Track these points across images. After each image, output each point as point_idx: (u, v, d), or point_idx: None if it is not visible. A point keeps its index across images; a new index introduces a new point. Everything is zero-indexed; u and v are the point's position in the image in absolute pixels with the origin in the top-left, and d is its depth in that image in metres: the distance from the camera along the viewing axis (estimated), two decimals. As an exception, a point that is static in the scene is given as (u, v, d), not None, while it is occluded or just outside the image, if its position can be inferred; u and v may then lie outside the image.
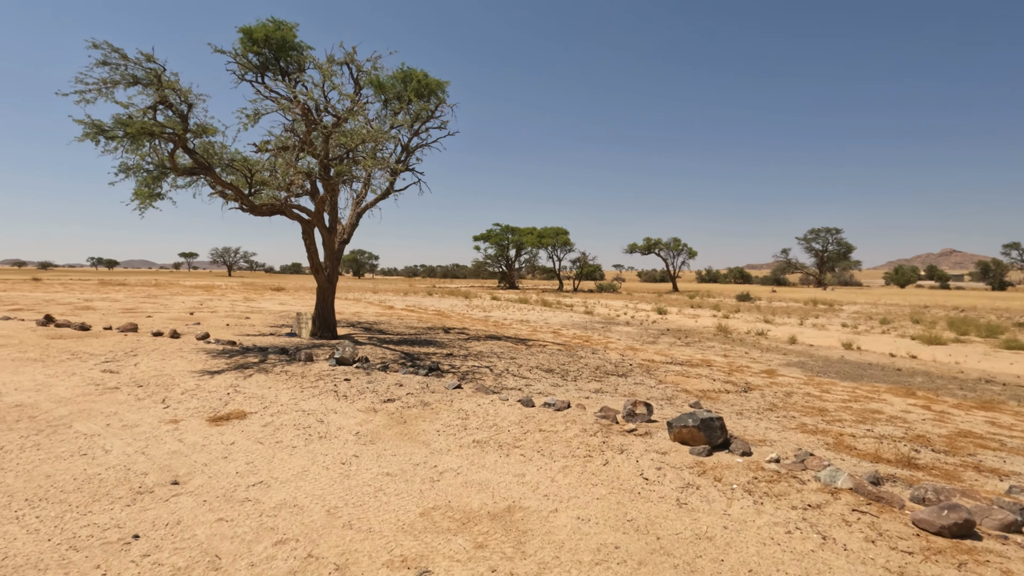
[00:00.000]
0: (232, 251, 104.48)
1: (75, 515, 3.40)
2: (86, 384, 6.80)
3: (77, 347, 9.41)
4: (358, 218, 13.03)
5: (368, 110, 10.86)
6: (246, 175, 10.53)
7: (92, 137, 8.31)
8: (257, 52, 10.50)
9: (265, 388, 6.83)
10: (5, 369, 7.49)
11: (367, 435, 5.13)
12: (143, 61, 8.50)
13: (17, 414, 5.47)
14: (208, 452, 4.58)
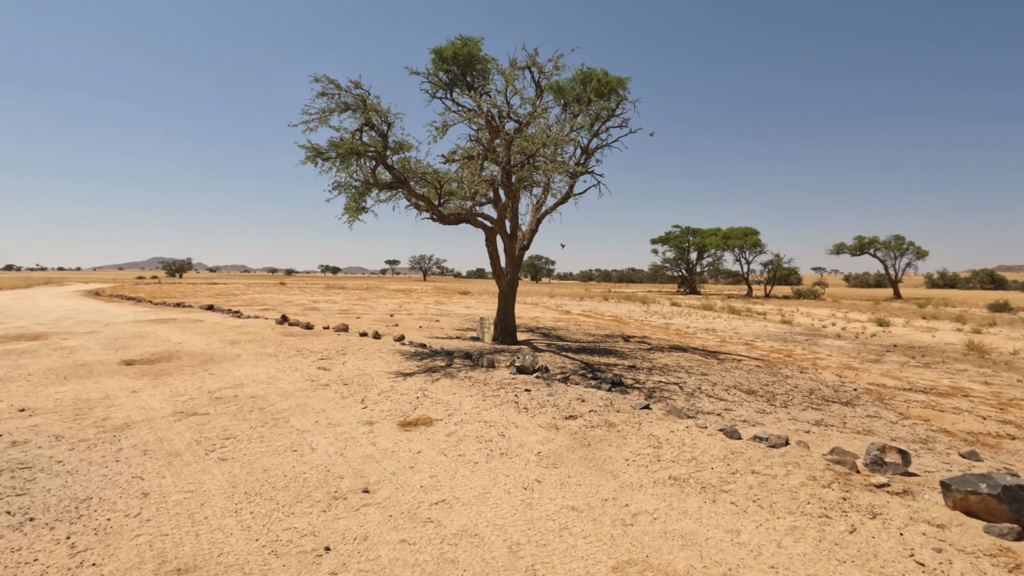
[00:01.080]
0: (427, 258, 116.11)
1: (280, 515, 3.54)
2: (304, 380, 7.61)
3: (302, 344, 10.79)
4: (538, 223, 13.01)
5: (548, 115, 10.70)
6: (436, 186, 11.12)
7: (312, 160, 9.45)
8: (446, 69, 11.05)
9: (450, 394, 6.92)
10: (249, 362, 8.79)
11: (549, 456, 4.75)
12: (352, 88, 9.40)
13: (251, 405, 6.23)
14: (396, 460, 4.60)
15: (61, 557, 2.98)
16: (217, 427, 5.37)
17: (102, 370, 7.93)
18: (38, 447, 4.67)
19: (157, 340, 11.11)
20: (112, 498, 3.72)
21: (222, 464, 4.40)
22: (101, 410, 5.87)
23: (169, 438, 5.01)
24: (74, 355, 9.13)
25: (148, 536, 3.23)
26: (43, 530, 3.26)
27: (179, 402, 6.28)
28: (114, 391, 6.71)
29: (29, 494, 3.75)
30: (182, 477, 4.12)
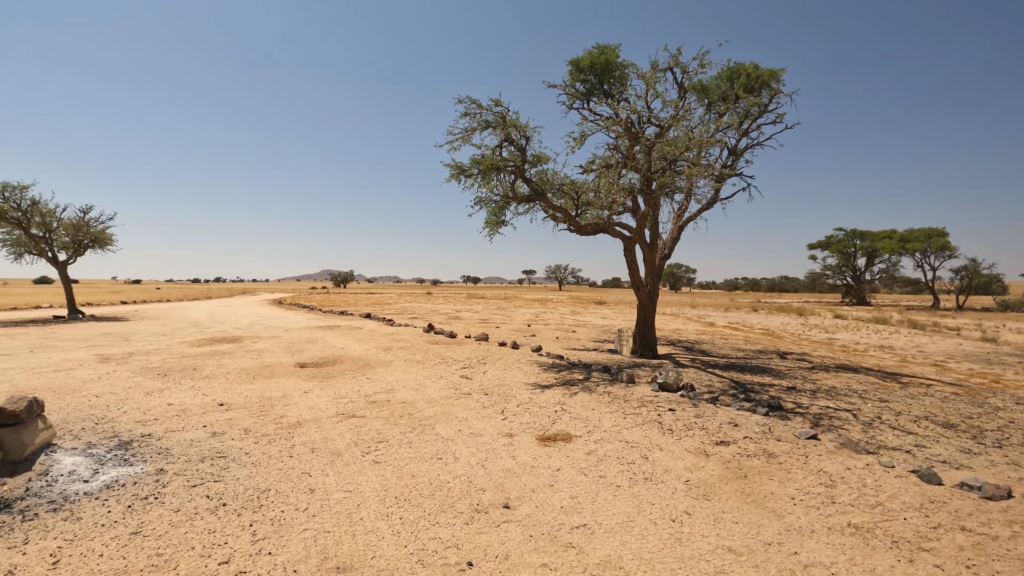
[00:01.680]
0: (562, 267, 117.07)
1: (426, 524, 3.64)
2: (448, 388, 7.94)
3: (446, 353, 11.33)
4: (679, 232, 12.33)
5: (691, 116, 10.10)
6: (573, 197, 11.05)
7: (455, 177, 9.94)
8: (583, 79, 11.00)
9: (589, 410, 6.73)
10: (400, 369, 9.43)
11: (699, 486, 4.35)
12: (493, 106, 9.72)
13: (401, 410, 6.63)
14: (536, 476, 4.53)
15: (244, 543, 3.34)
16: (372, 430, 5.77)
17: (281, 371, 9.03)
18: (231, 439, 5.39)
19: (324, 345, 12.43)
20: (285, 491, 4.13)
21: (376, 467, 4.69)
22: (279, 408, 6.64)
23: (332, 438, 5.48)
24: (260, 357, 10.54)
25: (313, 532, 3.50)
26: (232, 516, 3.70)
27: (341, 404, 6.89)
28: (290, 391, 7.57)
29: (223, 481, 4.31)
30: (342, 477, 4.45)
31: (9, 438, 4.24)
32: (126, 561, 3.10)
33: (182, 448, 5.07)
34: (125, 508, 3.77)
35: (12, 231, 19.70)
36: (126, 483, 4.20)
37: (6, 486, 3.98)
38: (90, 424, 5.76)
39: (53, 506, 3.77)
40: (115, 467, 4.51)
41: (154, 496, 3.98)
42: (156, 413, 6.27)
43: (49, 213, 19.80)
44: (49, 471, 4.29)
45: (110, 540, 3.33)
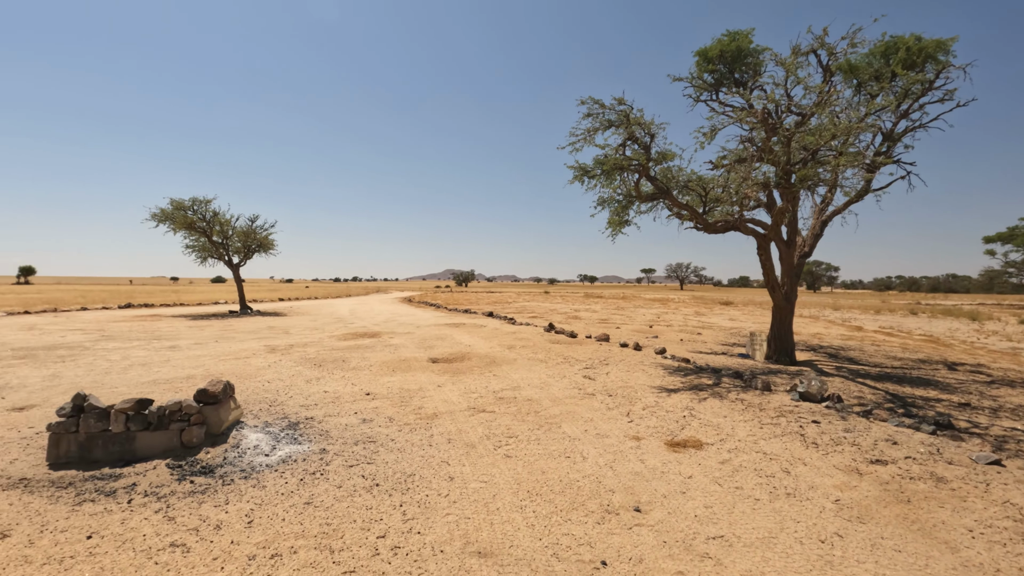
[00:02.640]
0: (684, 266, 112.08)
1: (558, 520, 3.77)
2: (571, 388, 8.04)
3: (567, 352, 11.45)
4: (822, 227, 11.28)
5: (838, 101, 9.20)
6: (700, 194, 10.60)
7: (579, 178, 10.00)
8: (712, 70, 10.50)
9: (720, 416, 6.45)
10: (524, 367, 9.71)
11: (852, 507, 4.00)
12: (616, 105, 9.64)
13: (528, 408, 6.85)
14: (667, 482, 4.47)
15: (396, 521, 3.70)
16: (502, 425, 6.04)
17: (416, 366, 9.74)
18: (379, 426, 5.96)
19: (452, 342, 13.16)
20: (428, 477, 4.49)
21: (508, 460, 4.91)
22: (417, 400, 7.19)
23: (466, 430, 5.83)
24: (397, 352, 11.44)
25: (455, 517, 3.78)
26: (384, 495, 4.11)
27: (471, 398, 7.28)
28: (425, 384, 8.15)
29: (375, 464, 4.79)
30: (477, 468, 4.73)
31: (211, 415, 5.08)
32: (303, 527, 3.59)
33: (339, 431, 5.70)
34: (298, 481, 4.35)
35: (199, 238, 23.28)
36: (297, 459, 4.84)
37: (209, 454, 4.78)
38: (265, 406, 6.68)
39: (244, 474, 4.46)
40: (287, 444, 5.21)
41: (320, 472, 4.54)
42: (315, 399, 7.11)
43: (226, 223, 23.12)
44: (239, 444, 5.07)
45: (289, 507, 3.87)
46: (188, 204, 22.27)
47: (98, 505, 3.86)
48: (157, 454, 4.76)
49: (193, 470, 4.47)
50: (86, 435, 4.65)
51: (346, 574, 3.05)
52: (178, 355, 10.72)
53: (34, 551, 3.23)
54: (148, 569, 3.05)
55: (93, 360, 9.95)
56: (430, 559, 3.22)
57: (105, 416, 4.70)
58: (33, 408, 6.43)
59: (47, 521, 3.60)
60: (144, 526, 3.56)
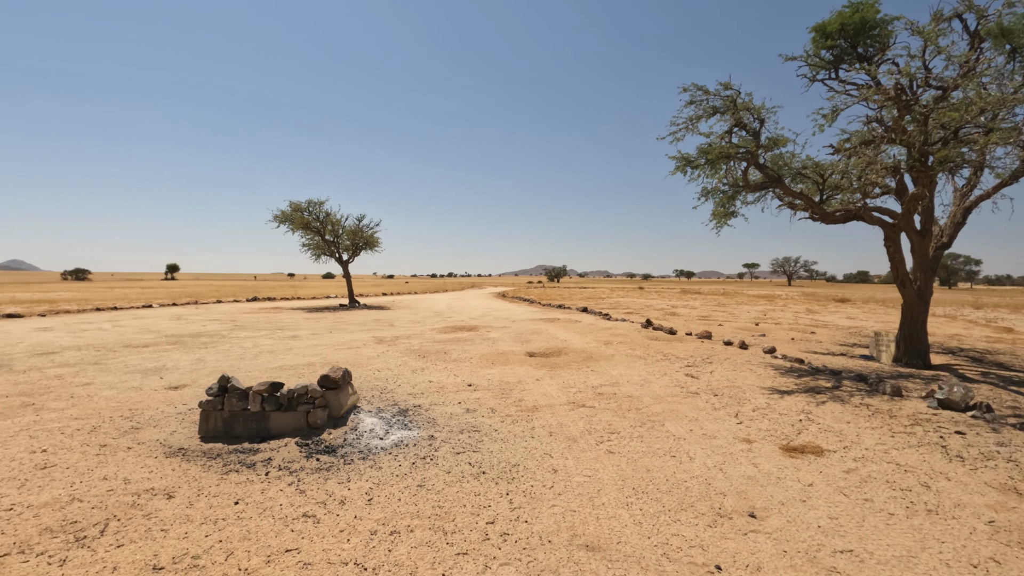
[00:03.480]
0: (792, 260, 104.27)
1: (667, 519, 3.67)
2: (673, 385, 7.78)
3: (667, 349, 11.10)
4: (965, 215, 10.00)
5: (988, 70, 8.07)
6: (817, 181, 9.80)
7: (681, 169, 9.61)
8: (830, 46, 9.63)
9: (843, 422, 5.95)
10: (622, 363, 9.55)
11: (1011, 530, 3.53)
12: (721, 91, 9.16)
13: (628, 404, 6.73)
14: (784, 488, 4.20)
15: (504, 508, 3.80)
16: (602, 421, 5.98)
17: (514, 359, 9.90)
18: (482, 416, 6.14)
19: (548, 337, 13.23)
20: (532, 468, 4.55)
21: (610, 456, 4.86)
22: (517, 392, 7.31)
23: (566, 424, 5.84)
24: (495, 345, 11.70)
25: (561, 509, 3.81)
26: (491, 483, 4.23)
27: (570, 393, 7.28)
28: (524, 378, 8.27)
29: (480, 452, 4.94)
30: (580, 462, 4.73)
31: (333, 399, 5.51)
32: (417, 508, 3.79)
33: (444, 420, 5.95)
34: (410, 464, 4.60)
35: (313, 237, 25.23)
36: (408, 444, 5.11)
37: (331, 435, 5.19)
38: (376, 393, 7.12)
39: (362, 455, 4.79)
40: (399, 430, 5.52)
41: (430, 458, 4.77)
42: (421, 388, 7.46)
43: (337, 222, 24.85)
44: (357, 427, 5.45)
45: (404, 489, 4.10)
46: (304, 206, 24.22)
47: (241, 475, 4.32)
48: (287, 432, 5.24)
49: (318, 449, 4.87)
50: (229, 413, 5.22)
51: (459, 555, 3.18)
52: (298, 344, 11.73)
53: (193, 511, 3.68)
54: (286, 535, 3.37)
55: (229, 347, 11.15)
56: (538, 548, 3.27)
57: (245, 397, 5.25)
58: (185, 387, 7.33)
59: (202, 487, 4.09)
60: (280, 496, 3.93)
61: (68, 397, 6.73)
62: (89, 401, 6.56)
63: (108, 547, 3.20)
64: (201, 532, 3.39)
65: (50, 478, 4.21)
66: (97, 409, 6.20)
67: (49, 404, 6.38)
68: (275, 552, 3.17)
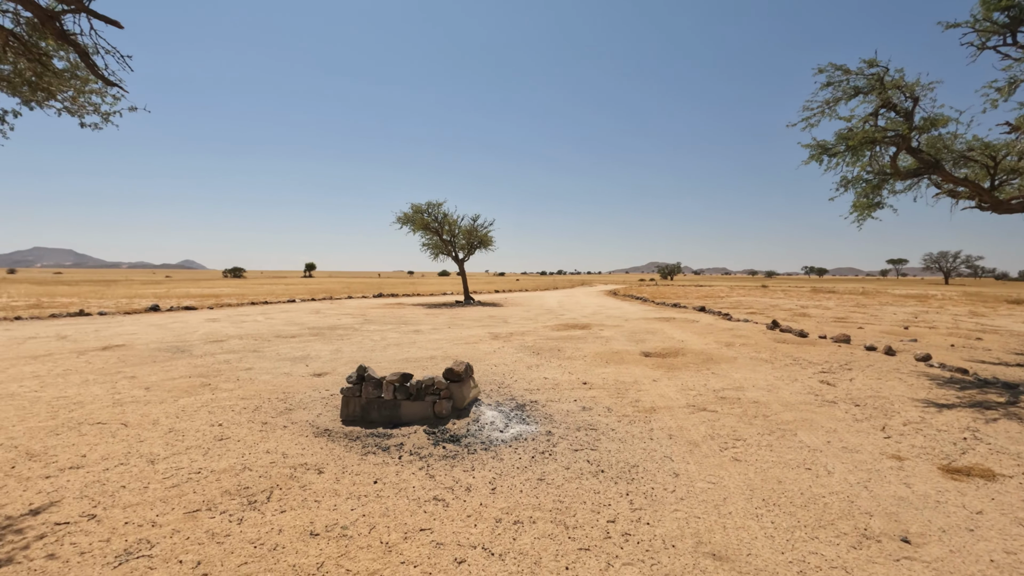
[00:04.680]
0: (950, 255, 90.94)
1: (803, 535, 3.43)
2: (806, 392, 7.20)
3: (797, 353, 10.27)
4: None
5: None
6: (987, 165, 8.50)
7: (816, 158, 8.83)
8: (1006, 7, 8.30)
9: (1020, 444, 5.13)
10: (745, 366, 9.01)
11: None
12: (864, 69, 8.27)
13: (754, 410, 6.35)
14: (944, 514, 3.73)
15: (624, 508, 3.78)
16: (726, 426, 5.71)
17: (628, 359, 9.74)
18: (598, 414, 6.13)
19: (664, 336, 12.83)
20: (652, 470, 4.48)
21: (736, 464, 4.64)
22: (633, 392, 7.20)
23: (687, 428, 5.66)
24: (608, 344, 11.58)
25: (684, 514, 3.71)
26: (610, 482, 4.23)
27: (690, 396, 7.02)
28: (639, 378, 8.12)
29: (597, 450, 4.95)
30: (703, 467, 4.56)
31: (456, 391, 5.83)
32: (538, 500, 3.90)
33: (561, 416, 6.03)
34: (530, 458, 4.73)
35: (432, 237, 26.63)
36: (527, 438, 5.26)
37: (455, 425, 5.49)
38: (494, 387, 7.39)
39: (484, 446, 5.01)
40: (518, 424, 5.69)
41: (548, 453, 4.87)
42: (537, 384, 7.61)
43: (453, 222, 26.01)
44: (479, 419, 5.72)
45: (524, 481, 4.24)
46: (424, 207, 25.65)
47: (378, 457, 4.73)
48: (415, 420, 5.63)
49: (444, 437, 5.18)
50: (366, 400, 5.72)
51: (581, 550, 3.23)
52: (420, 338, 12.49)
53: (340, 486, 4.10)
54: (419, 516, 3.64)
55: (361, 339, 12.17)
56: (662, 551, 3.23)
57: (379, 385, 5.72)
58: (326, 375, 8.14)
59: (346, 465, 4.54)
60: (412, 479, 4.25)
61: (235, 380, 7.77)
62: (251, 384, 7.52)
63: (274, 512, 3.67)
64: (347, 506, 3.77)
65: (225, 448, 4.91)
66: (258, 391, 7.09)
67: (221, 385, 7.42)
68: (411, 530, 3.44)
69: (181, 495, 3.91)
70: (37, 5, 2.77)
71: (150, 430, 5.40)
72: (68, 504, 3.74)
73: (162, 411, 6.08)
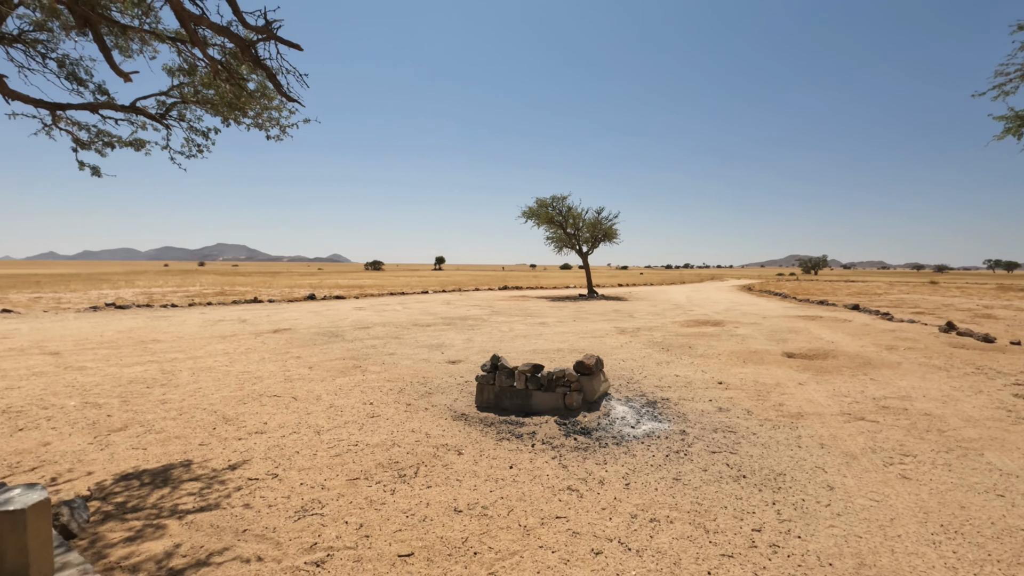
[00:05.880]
0: None
1: (994, 571, 2.96)
2: (994, 407, 6.17)
3: (980, 360, 8.84)
4: None
5: None
6: None
7: (1014, 132, 7.45)
8: None
9: None
10: (912, 372, 7.94)
11: None
12: (1086, 20, 6.80)
13: (926, 424, 5.58)
14: None
15: (771, 518, 3.55)
16: (890, 439, 5.09)
17: (769, 359, 9.05)
18: (736, 417, 5.79)
19: (809, 336, 11.72)
20: (802, 481, 4.14)
21: (905, 482, 4.12)
22: (775, 396, 6.69)
23: (841, 437, 5.13)
24: (745, 343, 10.85)
25: (841, 531, 3.39)
26: (753, 489, 3.99)
27: (844, 403, 6.36)
28: (782, 380, 7.51)
29: (737, 454, 4.68)
30: (863, 482, 4.12)
31: (587, 384, 5.85)
32: (675, 500, 3.79)
33: (695, 416, 5.79)
34: (663, 456, 4.61)
35: (556, 231, 26.83)
36: (660, 436, 5.13)
37: (586, 418, 5.52)
38: (623, 382, 7.29)
39: (615, 440, 4.98)
40: (649, 420, 5.57)
41: (683, 452, 4.71)
42: (668, 382, 7.38)
43: (578, 216, 25.97)
44: (609, 413, 5.69)
45: (659, 479, 4.14)
46: (548, 201, 25.91)
47: (512, 444, 4.91)
48: (546, 411, 5.75)
49: (575, 429, 5.23)
50: (499, 388, 5.96)
51: (724, 557, 3.09)
52: (546, 330, 12.68)
53: (478, 468, 4.33)
54: (554, 503, 3.72)
55: (490, 330, 12.66)
56: (816, 569, 2.98)
57: (511, 375, 5.93)
58: (460, 363, 8.60)
59: (483, 449, 4.78)
60: (545, 468, 4.36)
61: (381, 363, 8.51)
62: (395, 368, 8.18)
63: (421, 486, 3.99)
64: (486, 487, 3.98)
65: (376, 425, 5.41)
66: (400, 375, 7.70)
67: (369, 368, 8.17)
68: (547, 516, 3.54)
69: (343, 464, 4.39)
70: (239, 36, 3.27)
71: (315, 404, 6.12)
72: (256, 463, 4.38)
73: (323, 388, 6.86)
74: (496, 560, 3.03)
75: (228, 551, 3.06)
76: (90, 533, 3.22)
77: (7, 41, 3.85)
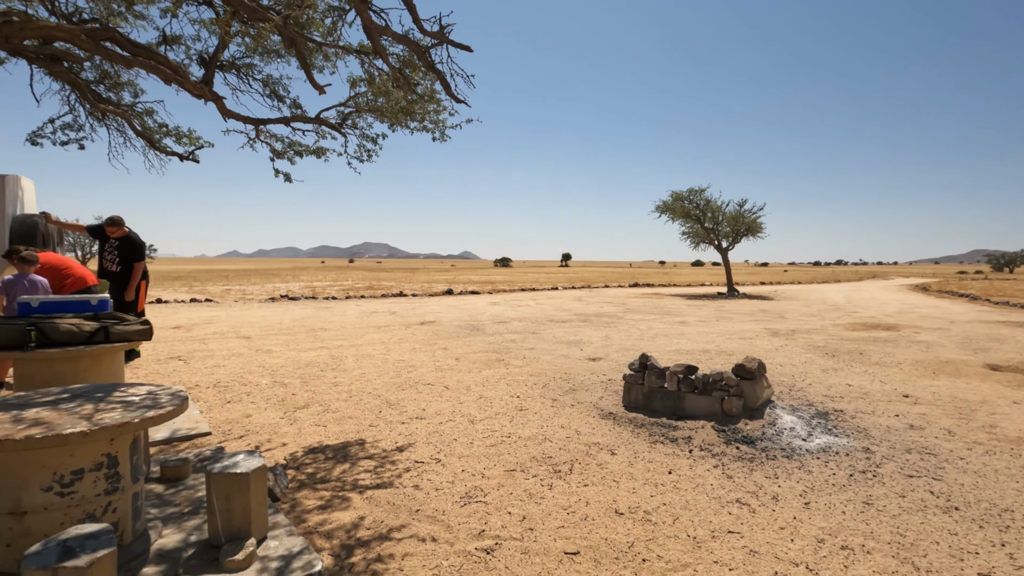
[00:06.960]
0: None
1: None
2: None
3: None
4: None
5: None
6: None
7: None
8: None
9: None
10: None
11: None
12: None
13: None
14: None
15: (1001, 561, 2.95)
16: None
17: (967, 371, 7.70)
18: (934, 437, 4.98)
19: (1019, 346, 9.80)
20: (1039, 521, 3.41)
21: None
22: (983, 415, 5.65)
23: (1088, 472, 4.17)
24: (931, 351, 9.36)
25: (1110, 590, 2.72)
26: (971, 524, 3.36)
27: (1083, 429, 5.18)
28: (990, 397, 6.34)
29: (943, 481, 4.00)
30: None
31: (748, 389, 5.40)
32: (869, 528, 3.32)
33: (880, 432, 5.07)
34: (847, 476, 4.09)
35: (692, 225, 25.47)
36: (838, 451, 4.57)
37: (748, 426, 5.10)
38: (785, 389, 6.65)
39: (784, 453, 4.53)
40: (822, 434, 5.00)
41: (871, 474, 4.13)
42: (839, 391, 6.58)
43: (717, 209, 24.41)
44: (775, 423, 5.20)
45: (846, 501, 3.67)
46: (685, 194, 24.66)
47: (667, 448, 4.68)
48: (700, 415, 5.41)
49: (736, 437, 4.85)
50: (648, 388, 5.74)
51: (945, 602, 2.63)
52: (689, 330, 12.05)
53: (634, 470, 4.18)
54: (723, 516, 3.46)
55: (627, 328, 12.34)
56: (1079, 633, 2.41)
57: (662, 375, 5.67)
58: (600, 360, 8.46)
59: (636, 450, 4.61)
60: (708, 476, 4.08)
61: (522, 358, 8.66)
62: (536, 363, 8.28)
63: (577, 484, 3.94)
64: (645, 491, 3.81)
65: (526, 418, 5.48)
66: (542, 370, 7.76)
67: (511, 361, 8.35)
68: (717, 530, 3.29)
69: (498, 454, 4.49)
70: (416, 43, 3.46)
71: (465, 394, 6.38)
72: (419, 447, 4.65)
73: (471, 379, 7.13)
74: (668, 571, 2.86)
75: (405, 528, 3.25)
76: (290, 499, 3.62)
77: (225, 68, 4.50)
